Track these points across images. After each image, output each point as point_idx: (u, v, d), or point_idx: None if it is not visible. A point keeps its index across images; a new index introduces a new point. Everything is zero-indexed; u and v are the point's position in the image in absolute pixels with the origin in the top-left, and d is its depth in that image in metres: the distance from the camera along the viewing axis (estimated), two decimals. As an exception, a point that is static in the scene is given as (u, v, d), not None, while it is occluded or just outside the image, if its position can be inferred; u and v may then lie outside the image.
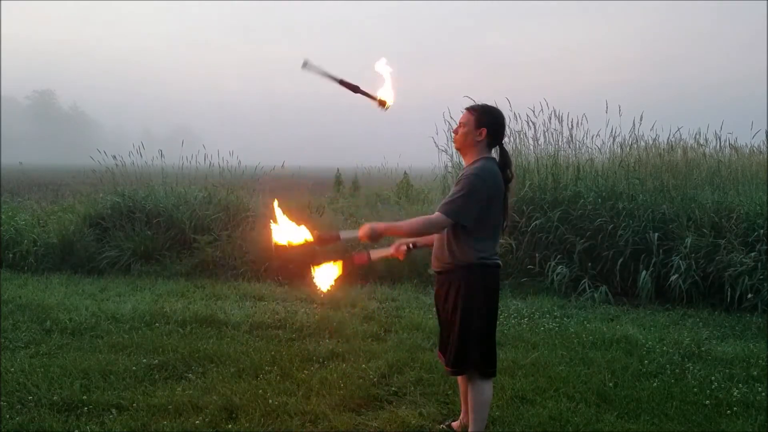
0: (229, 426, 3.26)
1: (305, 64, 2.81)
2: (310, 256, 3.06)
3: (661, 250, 6.44)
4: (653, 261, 6.37)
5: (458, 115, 3.01)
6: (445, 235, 2.90)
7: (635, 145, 7.93)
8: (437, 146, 8.41)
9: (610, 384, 3.89)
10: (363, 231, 2.82)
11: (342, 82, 2.88)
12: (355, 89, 2.91)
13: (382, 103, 2.94)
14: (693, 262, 6.18)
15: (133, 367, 4.04)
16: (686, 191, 7.09)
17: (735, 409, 3.53)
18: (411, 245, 3.12)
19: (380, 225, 2.85)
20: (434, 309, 3.22)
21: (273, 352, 4.40)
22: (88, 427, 3.21)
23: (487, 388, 2.98)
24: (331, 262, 3.03)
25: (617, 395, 3.71)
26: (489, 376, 2.98)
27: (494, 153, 2.98)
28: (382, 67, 2.95)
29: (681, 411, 3.51)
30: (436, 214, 2.80)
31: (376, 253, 3.00)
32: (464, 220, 2.77)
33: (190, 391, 3.67)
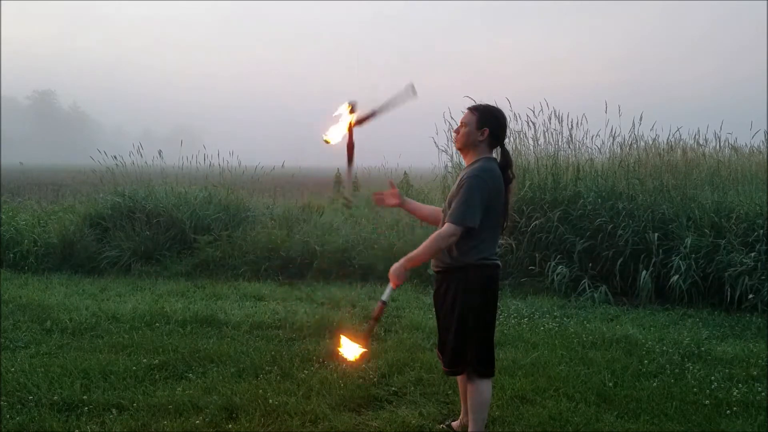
0: (230, 426, 3.26)
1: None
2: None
3: (661, 250, 6.45)
4: (653, 261, 6.38)
5: (458, 115, 3.01)
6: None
7: (635, 145, 7.94)
8: (437, 146, 8.43)
9: (610, 384, 3.89)
10: (394, 280, 2.85)
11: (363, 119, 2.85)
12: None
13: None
14: (693, 262, 6.19)
15: (134, 367, 4.04)
16: (686, 191, 7.09)
17: (735, 409, 3.53)
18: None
19: (400, 264, 2.85)
20: (434, 309, 3.23)
21: (273, 352, 4.40)
22: (88, 427, 3.21)
23: (486, 388, 2.98)
24: (356, 344, 2.98)
25: (617, 395, 3.71)
26: (487, 376, 2.98)
27: (495, 153, 2.99)
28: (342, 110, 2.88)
29: (681, 411, 3.51)
30: (445, 225, 2.82)
31: (386, 295, 3.00)
32: (470, 222, 2.77)
33: (191, 391, 3.67)
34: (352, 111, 2.85)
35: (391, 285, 2.90)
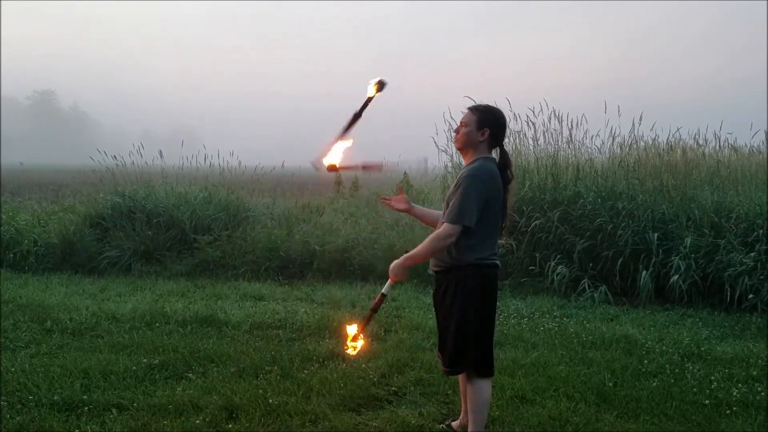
0: (230, 426, 3.27)
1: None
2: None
3: (660, 250, 6.45)
4: (653, 261, 6.38)
5: (458, 115, 3.02)
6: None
7: (635, 146, 7.95)
8: (437, 146, 8.44)
9: (610, 384, 3.90)
10: (393, 276, 2.92)
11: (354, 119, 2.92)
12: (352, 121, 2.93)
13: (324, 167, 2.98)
14: (693, 262, 6.19)
15: (134, 367, 4.04)
16: (686, 191, 7.09)
17: (734, 408, 3.53)
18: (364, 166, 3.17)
19: (400, 261, 2.91)
20: (433, 309, 3.23)
21: (273, 352, 4.40)
22: (88, 427, 3.21)
23: (486, 387, 2.99)
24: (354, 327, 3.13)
25: (617, 395, 3.71)
26: (487, 376, 2.99)
27: (494, 154, 2.99)
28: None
29: (680, 411, 3.52)
30: (443, 225, 2.83)
31: (386, 288, 3.06)
32: (468, 222, 2.78)
33: (191, 391, 3.68)
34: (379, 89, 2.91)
35: (390, 281, 2.97)
